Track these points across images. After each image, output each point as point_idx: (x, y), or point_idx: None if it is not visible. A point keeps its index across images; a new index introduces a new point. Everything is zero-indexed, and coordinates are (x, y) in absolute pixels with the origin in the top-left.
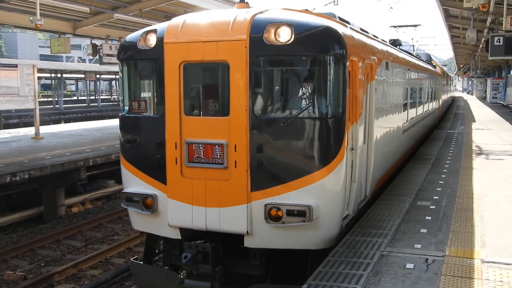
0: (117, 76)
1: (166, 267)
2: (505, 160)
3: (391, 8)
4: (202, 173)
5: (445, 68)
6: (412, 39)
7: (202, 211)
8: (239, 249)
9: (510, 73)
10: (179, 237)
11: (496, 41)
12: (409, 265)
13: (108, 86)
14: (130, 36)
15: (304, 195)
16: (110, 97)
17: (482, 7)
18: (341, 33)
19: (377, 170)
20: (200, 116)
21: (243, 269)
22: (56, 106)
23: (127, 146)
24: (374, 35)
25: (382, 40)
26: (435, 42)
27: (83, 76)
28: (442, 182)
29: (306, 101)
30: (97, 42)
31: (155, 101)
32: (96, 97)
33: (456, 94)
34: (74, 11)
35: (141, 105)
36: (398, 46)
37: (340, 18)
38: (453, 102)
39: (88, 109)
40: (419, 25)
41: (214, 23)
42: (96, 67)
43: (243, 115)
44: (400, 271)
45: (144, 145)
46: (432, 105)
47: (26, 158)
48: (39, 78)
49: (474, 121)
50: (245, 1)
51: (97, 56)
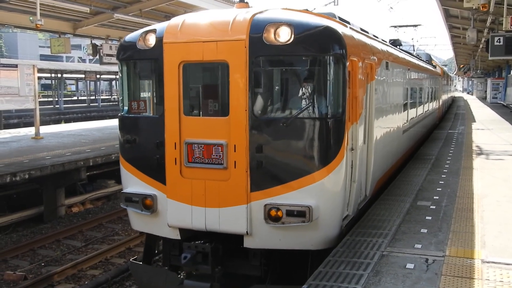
0: (117, 76)
1: (166, 268)
2: (505, 160)
3: (391, 8)
4: (202, 174)
5: (445, 68)
6: (412, 39)
7: (202, 212)
8: (239, 250)
9: (510, 73)
10: (179, 238)
11: (496, 41)
12: (409, 265)
13: (108, 86)
14: (130, 36)
15: (304, 196)
16: (110, 97)
17: (482, 7)
18: (341, 33)
19: (377, 170)
20: (200, 116)
21: (243, 270)
22: (56, 106)
23: (127, 146)
24: (374, 35)
25: (382, 40)
26: (435, 42)
27: (83, 76)
28: (442, 182)
29: (306, 101)
30: (97, 42)
31: (155, 101)
32: (96, 97)
33: (456, 94)
34: (74, 11)
35: (141, 105)
36: (398, 46)
37: (340, 18)
38: (453, 102)
39: (88, 109)
40: (419, 25)
41: (214, 23)
42: (96, 67)
43: (243, 115)
44: (401, 271)
45: (144, 145)
46: (432, 105)
47: (26, 158)
48: (39, 78)
49: (474, 121)
50: (245, 1)
51: (97, 56)
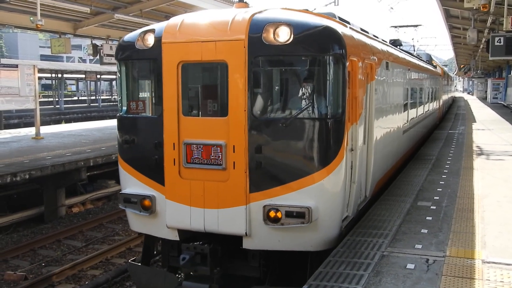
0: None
1: (164, 269)
2: (506, 161)
3: (392, 9)
4: (201, 174)
5: (446, 68)
6: (413, 39)
7: (201, 212)
8: (238, 251)
9: (511, 73)
10: (177, 239)
11: (497, 41)
12: (410, 266)
13: (109, 86)
14: (128, 36)
15: (303, 196)
16: (111, 97)
17: (483, 8)
18: (341, 33)
19: (377, 171)
20: (199, 117)
21: (242, 271)
22: (57, 106)
23: (125, 147)
24: (374, 35)
25: (382, 40)
26: (436, 42)
27: (84, 76)
28: (443, 183)
29: (306, 102)
30: (98, 42)
31: (153, 101)
32: (97, 97)
33: (457, 95)
34: (75, 12)
35: (139, 106)
36: (399, 46)
37: (340, 18)
38: (454, 103)
39: (89, 109)
40: (420, 25)
41: (213, 23)
42: (97, 67)
43: (242, 116)
44: (401, 272)
45: (142, 146)
46: (433, 106)
47: (27, 158)
48: (40, 78)
49: (475, 122)
50: (244, 1)
51: (98, 56)
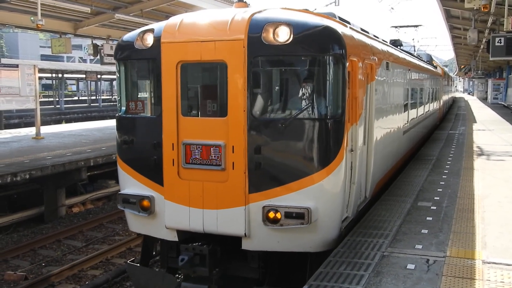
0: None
1: (163, 270)
2: (506, 161)
3: (392, 9)
4: (200, 175)
5: (446, 69)
6: (413, 40)
7: (200, 213)
8: (237, 252)
9: (511, 74)
10: (176, 239)
11: (497, 42)
12: (410, 266)
13: (109, 86)
14: (127, 36)
15: (303, 197)
16: (111, 97)
17: (483, 8)
18: (341, 33)
19: (377, 172)
20: (198, 117)
21: (241, 272)
22: (57, 106)
23: (124, 147)
24: (375, 35)
25: (383, 40)
26: (436, 43)
27: (84, 76)
28: (443, 183)
29: (305, 102)
30: (98, 42)
31: (152, 102)
32: (97, 97)
33: (457, 95)
34: (75, 11)
35: (138, 106)
36: (399, 47)
37: (340, 18)
38: (454, 103)
39: (89, 109)
40: (420, 26)
41: (212, 23)
42: (97, 67)
43: (241, 116)
44: (401, 272)
45: (141, 146)
46: (433, 106)
47: (27, 158)
48: (40, 78)
49: (475, 122)
50: (244, 1)
51: (98, 56)
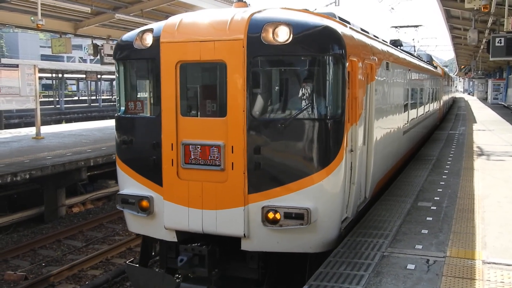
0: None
1: (163, 270)
2: (506, 161)
3: (392, 9)
4: (199, 175)
5: (446, 69)
6: (413, 40)
7: (199, 214)
8: (236, 252)
9: (511, 74)
10: (175, 240)
11: (497, 42)
12: (410, 266)
13: (109, 86)
14: (127, 36)
15: (302, 198)
16: (111, 97)
17: (484, 8)
18: (341, 33)
19: (377, 172)
20: (197, 117)
21: (240, 273)
22: (57, 106)
23: (123, 147)
24: (375, 35)
25: (383, 41)
26: (436, 43)
27: (84, 76)
28: (443, 183)
29: (305, 102)
30: (98, 42)
31: (152, 102)
32: (97, 97)
33: (457, 95)
34: (75, 11)
35: (137, 106)
36: (399, 47)
37: (340, 18)
38: (454, 103)
39: (89, 109)
40: (420, 26)
41: (211, 22)
42: (97, 67)
43: (240, 116)
44: (401, 272)
45: (140, 146)
46: (433, 106)
47: (27, 158)
48: (40, 78)
49: (475, 122)
50: (243, 0)
51: (98, 56)
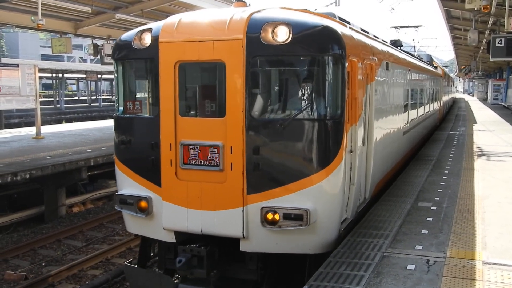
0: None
1: (161, 271)
2: (507, 162)
3: (393, 9)
4: (197, 175)
5: (446, 69)
6: (413, 40)
7: (197, 214)
8: (235, 253)
9: (511, 75)
10: (174, 241)
11: (498, 43)
12: (410, 266)
13: (109, 86)
14: (125, 35)
15: (302, 198)
16: (111, 97)
17: (484, 9)
18: (340, 33)
19: (377, 172)
20: (196, 117)
21: (239, 274)
22: (57, 106)
23: (122, 147)
24: (375, 36)
25: (383, 41)
26: (436, 43)
27: (84, 76)
28: (443, 183)
29: (304, 102)
30: (99, 42)
31: (150, 102)
32: (97, 97)
33: (457, 95)
34: (76, 11)
35: (136, 106)
36: (399, 47)
37: (340, 18)
38: (454, 103)
39: (89, 109)
40: (421, 26)
41: (210, 22)
42: (97, 67)
43: (239, 116)
44: (401, 272)
45: (139, 146)
46: (433, 106)
47: (27, 158)
48: (40, 78)
49: (475, 123)
50: (243, 0)
51: (98, 56)
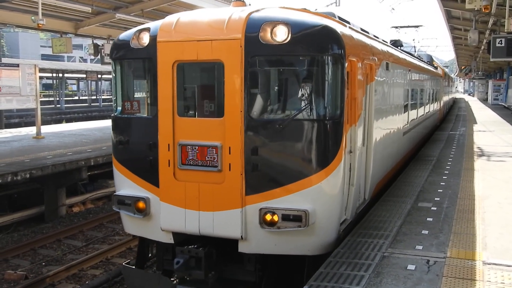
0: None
1: (159, 272)
2: (507, 162)
3: (393, 9)
4: (196, 176)
5: (447, 70)
6: (414, 40)
7: (195, 215)
8: (233, 254)
9: None
10: (172, 242)
11: (498, 43)
12: (411, 267)
13: (110, 86)
14: (123, 35)
15: (300, 199)
16: (112, 97)
17: (484, 9)
18: (340, 33)
19: (377, 173)
20: (194, 117)
21: (237, 275)
22: (58, 106)
23: (119, 148)
24: (375, 35)
25: (383, 41)
26: (437, 43)
27: (85, 76)
28: (444, 184)
29: (303, 103)
30: (99, 42)
31: (149, 102)
32: (98, 97)
33: (458, 96)
34: (76, 11)
35: (134, 106)
36: (399, 47)
37: (340, 18)
38: (455, 104)
39: (90, 109)
40: (421, 26)
41: (209, 22)
42: (98, 67)
43: (238, 117)
44: (402, 272)
45: (137, 147)
46: (433, 107)
47: (28, 158)
48: (41, 78)
49: (476, 123)
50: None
51: (99, 56)
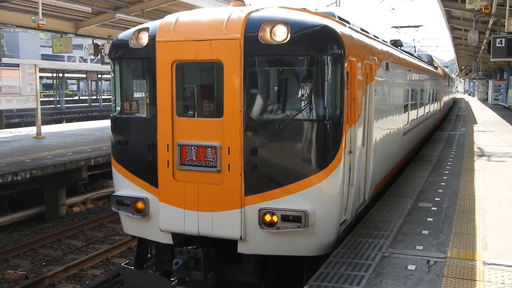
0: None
1: (158, 273)
2: (507, 162)
3: (393, 9)
4: (195, 176)
5: (447, 70)
6: (414, 40)
7: (195, 216)
8: (233, 255)
9: None
10: (171, 242)
11: (498, 43)
12: (411, 267)
13: (110, 86)
14: (122, 35)
15: (300, 200)
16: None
17: (484, 9)
18: (339, 33)
19: (377, 173)
20: (193, 118)
21: (237, 276)
22: (58, 106)
23: (118, 148)
24: (375, 35)
25: (383, 41)
26: (437, 43)
27: (85, 76)
28: (444, 184)
29: (303, 103)
30: (99, 42)
31: (147, 102)
32: (98, 97)
33: (458, 96)
34: (76, 11)
35: (133, 106)
36: (399, 47)
37: (340, 18)
38: (455, 104)
39: (90, 109)
40: (421, 26)
41: (208, 21)
42: (98, 67)
43: (237, 117)
44: (402, 273)
45: (136, 147)
46: (434, 107)
47: (28, 158)
48: (41, 78)
49: (476, 123)
50: None
51: (99, 56)
